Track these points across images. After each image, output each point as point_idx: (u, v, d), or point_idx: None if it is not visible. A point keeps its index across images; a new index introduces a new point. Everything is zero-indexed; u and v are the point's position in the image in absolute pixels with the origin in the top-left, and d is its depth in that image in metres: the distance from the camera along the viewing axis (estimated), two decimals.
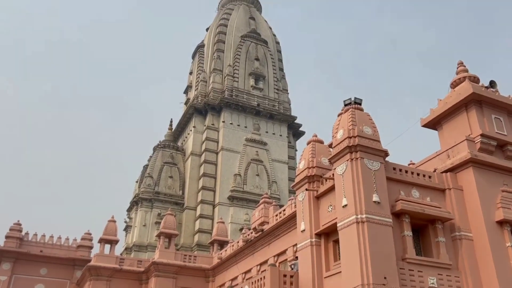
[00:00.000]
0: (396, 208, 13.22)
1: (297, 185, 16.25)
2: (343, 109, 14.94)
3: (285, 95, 48.01)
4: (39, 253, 32.87)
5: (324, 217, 14.67)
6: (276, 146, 44.12)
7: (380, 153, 13.71)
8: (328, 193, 14.76)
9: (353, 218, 12.60)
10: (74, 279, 33.60)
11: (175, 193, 41.18)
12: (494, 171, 14.87)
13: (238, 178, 40.14)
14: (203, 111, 44.32)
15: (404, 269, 12.51)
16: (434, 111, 17.12)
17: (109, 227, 31.97)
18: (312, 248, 14.48)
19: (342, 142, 13.84)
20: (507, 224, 13.90)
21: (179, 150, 44.32)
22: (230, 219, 38.23)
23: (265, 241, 22.05)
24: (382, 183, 13.27)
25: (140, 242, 38.26)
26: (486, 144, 15.01)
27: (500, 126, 15.85)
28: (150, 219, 39.30)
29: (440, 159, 15.74)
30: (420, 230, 13.99)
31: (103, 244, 31.29)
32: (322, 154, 16.20)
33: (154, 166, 42.22)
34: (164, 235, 30.84)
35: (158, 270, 29.00)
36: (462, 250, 13.59)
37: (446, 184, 14.64)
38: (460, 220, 14.01)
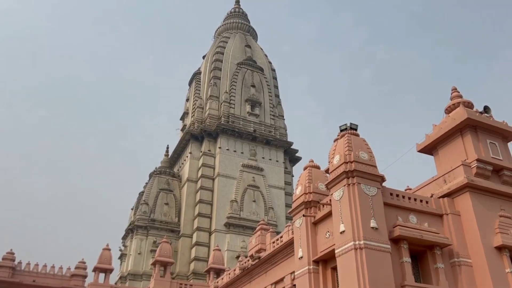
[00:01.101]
0: (394, 234, 13.12)
1: (294, 211, 16.15)
2: (339, 134, 15.01)
3: (281, 121, 48.28)
4: (32, 283, 32.21)
5: (322, 243, 14.52)
6: (273, 172, 44.05)
7: (376, 178, 13.70)
8: (325, 219, 14.66)
9: (351, 244, 12.48)
10: None
11: (171, 220, 40.79)
12: (491, 196, 14.86)
13: (235, 205, 39.88)
14: (199, 137, 44.39)
15: None
16: (430, 136, 17.23)
17: (104, 255, 31.50)
18: (310, 275, 14.27)
19: (339, 168, 13.84)
20: (506, 250, 13.80)
21: (175, 177, 44.14)
22: (227, 246, 37.78)
23: (262, 268, 21.72)
24: (379, 208, 13.21)
25: (135, 271, 37.63)
26: (482, 169, 15.06)
27: (495, 151, 15.94)
28: (146, 247, 38.77)
29: (437, 184, 15.73)
30: (419, 256, 13.85)
31: (98, 273, 30.76)
32: (318, 179, 16.17)
33: (150, 193, 41.94)
34: (159, 263, 30.38)
35: None
36: (462, 276, 13.43)
37: (444, 209, 14.59)
38: (459, 245, 13.90)
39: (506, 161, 15.87)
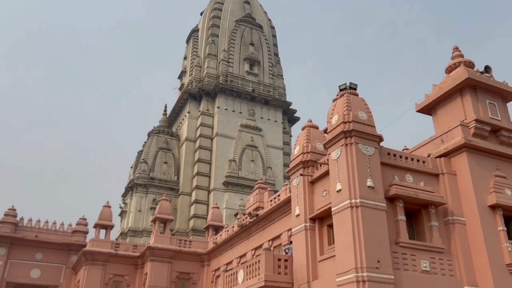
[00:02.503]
0: (390, 193, 13.30)
1: (292, 170, 16.29)
2: (338, 94, 14.92)
3: (280, 80, 47.87)
4: (34, 238, 32.92)
5: (319, 202, 14.75)
6: (271, 132, 44.12)
7: (374, 138, 13.74)
8: (322, 178, 14.82)
9: (347, 202, 12.67)
10: (69, 264, 33.77)
11: (170, 179, 41.22)
12: (487, 156, 14.96)
13: (233, 164, 40.18)
14: (197, 97, 44.14)
15: (397, 253, 12.64)
16: (429, 96, 17.15)
17: (104, 212, 32.04)
18: (307, 232, 14.58)
19: (337, 127, 13.84)
20: (499, 209, 14.03)
21: (173, 136, 44.24)
22: (225, 204, 38.39)
23: (259, 226, 22.18)
24: (376, 168, 13.33)
25: (135, 227, 38.41)
26: (480, 129, 15.08)
27: (494, 111, 15.91)
28: (145, 204, 39.39)
29: (434, 144, 15.80)
30: (414, 215, 14.11)
31: (98, 229, 31.38)
32: (317, 139, 16.22)
33: (148, 152, 42.17)
34: (159, 220, 30.95)
35: (154, 254, 29.18)
36: (455, 234, 13.73)
37: (440, 169, 14.73)
38: (453, 204, 14.13)
39: (504, 122, 15.88)
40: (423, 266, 12.84)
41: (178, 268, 29.63)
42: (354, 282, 11.60)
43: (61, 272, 33.58)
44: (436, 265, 13.08)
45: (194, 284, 29.70)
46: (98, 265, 29.60)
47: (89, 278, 29.04)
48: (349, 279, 11.78)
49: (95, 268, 29.44)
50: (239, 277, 16.02)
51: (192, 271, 29.88)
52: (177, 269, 29.59)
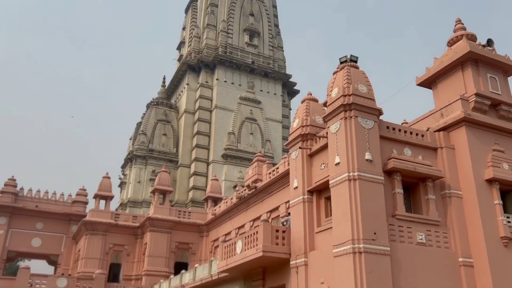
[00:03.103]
0: (388, 166, 13.36)
1: (291, 144, 16.30)
2: (339, 67, 14.78)
3: (280, 52, 47.33)
4: (34, 208, 33.24)
5: (317, 174, 14.82)
6: (270, 104, 43.95)
7: (374, 111, 13.69)
8: (321, 151, 14.84)
9: (345, 175, 12.74)
10: (70, 234, 34.21)
11: (169, 151, 41.31)
12: (486, 130, 14.96)
13: (232, 137, 40.20)
14: (196, 68, 43.74)
15: (393, 225, 12.80)
16: (430, 69, 17.00)
17: (104, 183, 32.25)
18: (304, 204, 14.71)
19: (337, 101, 13.77)
20: (496, 183, 14.13)
21: (172, 108, 44.08)
22: (224, 176, 38.61)
23: (258, 198, 22.37)
24: (375, 141, 13.34)
25: (135, 198, 38.74)
26: (480, 103, 15.02)
27: (495, 85, 15.81)
28: (145, 176, 39.60)
29: (434, 118, 15.77)
30: (411, 188, 14.21)
31: (98, 200, 31.66)
32: (316, 112, 16.16)
33: (147, 124, 42.10)
34: (158, 192, 31.19)
35: (153, 225, 29.54)
36: (451, 207, 13.87)
37: (439, 142, 14.74)
38: (451, 178, 14.22)
39: (504, 96, 15.80)
40: (419, 239, 13.03)
41: (178, 239, 30.07)
42: (351, 253, 11.78)
43: (62, 241, 34.07)
44: (431, 237, 13.27)
45: (193, 254, 30.21)
46: (98, 235, 30.00)
47: (90, 247, 29.50)
48: (346, 250, 11.96)
49: (95, 238, 29.85)
50: (238, 247, 16.25)
51: (191, 242, 30.35)
52: (176, 239, 30.03)
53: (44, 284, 26.04)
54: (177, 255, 30.25)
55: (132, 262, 30.64)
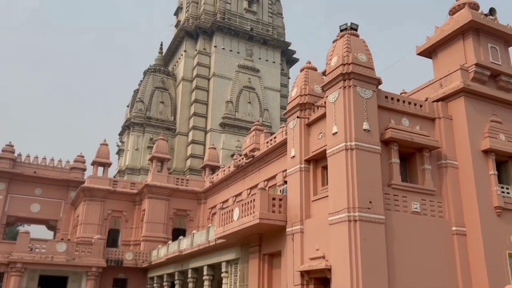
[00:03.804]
0: (386, 136, 13.39)
1: (289, 113, 16.25)
2: (339, 35, 14.56)
3: (279, 19, 46.55)
4: (32, 174, 33.42)
5: (314, 144, 14.86)
6: (269, 73, 43.57)
7: (373, 81, 13.60)
8: (319, 121, 14.83)
9: (343, 145, 12.77)
10: (68, 200, 34.53)
11: (166, 119, 41.22)
12: (484, 101, 14.92)
13: (230, 105, 40.04)
14: (194, 35, 43.08)
15: (389, 194, 12.95)
16: (431, 38, 16.79)
17: (102, 150, 32.32)
18: (301, 173, 14.81)
19: (336, 70, 13.65)
20: (492, 153, 14.20)
21: (170, 75, 43.68)
22: (222, 145, 38.70)
23: (255, 166, 22.51)
24: (373, 111, 13.31)
25: (132, 166, 38.92)
26: (480, 73, 14.92)
27: (495, 55, 15.66)
28: (142, 143, 39.65)
29: (433, 88, 15.69)
30: (408, 158, 14.30)
31: (96, 167, 31.82)
32: (315, 81, 16.04)
33: (145, 91, 41.81)
34: (156, 159, 31.33)
35: (151, 192, 29.82)
36: (447, 177, 14.00)
37: (437, 113, 14.73)
38: (447, 148, 14.29)
39: (504, 66, 15.68)
40: (413, 208, 13.21)
41: (175, 205, 30.45)
42: (346, 221, 11.96)
43: (61, 207, 34.45)
44: (426, 206, 13.45)
45: (191, 221, 30.65)
46: (97, 201, 30.31)
47: (88, 213, 29.86)
48: (341, 218, 12.13)
49: (93, 204, 30.17)
50: (235, 214, 16.47)
51: (189, 208, 30.75)
52: (174, 206, 30.41)
53: (44, 248, 26.49)
54: (175, 222, 30.71)
55: (131, 228, 31.11)
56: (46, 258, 25.96)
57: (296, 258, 14.00)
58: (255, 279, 16.52)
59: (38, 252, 26.19)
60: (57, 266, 26.28)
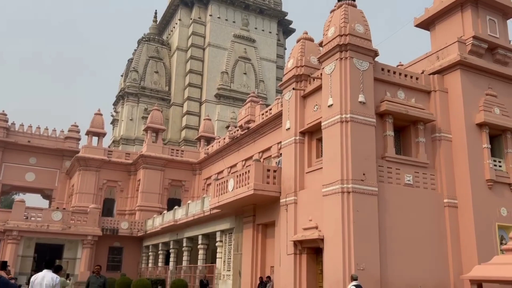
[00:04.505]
0: (381, 109, 13.38)
1: (285, 84, 16.15)
2: (336, 5, 14.32)
3: None
4: (27, 143, 33.33)
5: (309, 116, 14.84)
6: (265, 43, 43.06)
7: (370, 52, 13.48)
8: (314, 93, 14.76)
9: (338, 117, 12.76)
10: (63, 169, 34.60)
11: (161, 89, 40.89)
12: (481, 74, 14.87)
13: (225, 76, 39.71)
14: (189, 3, 42.26)
15: (382, 167, 13.05)
16: (429, 10, 16.57)
17: (96, 120, 32.19)
18: (296, 145, 14.86)
19: (333, 41, 13.50)
20: (486, 127, 14.26)
21: (164, 45, 43.06)
22: (217, 116, 38.60)
23: (250, 138, 22.54)
24: (369, 83, 13.25)
25: (127, 136, 38.84)
26: (477, 46, 14.81)
27: (493, 28, 15.51)
28: (137, 113, 39.45)
29: (429, 60, 15.59)
30: (402, 130, 14.34)
31: (91, 137, 31.75)
32: (311, 52, 15.88)
33: (139, 61, 41.28)
34: (151, 130, 31.29)
35: (146, 162, 29.91)
36: (440, 150, 14.10)
37: (433, 86, 14.69)
38: (442, 121, 14.32)
39: (502, 39, 15.56)
40: (406, 180, 13.34)
41: (170, 176, 30.62)
42: (339, 192, 12.08)
43: (55, 176, 34.54)
44: (419, 179, 13.59)
45: (186, 191, 30.90)
46: (92, 171, 30.40)
47: (83, 183, 29.99)
48: (335, 189, 12.26)
49: (88, 173, 30.26)
50: (229, 185, 16.60)
51: (184, 179, 30.94)
52: (169, 176, 30.58)
53: (40, 217, 26.72)
54: (170, 192, 30.95)
55: (126, 198, 31.35)
56: (41, 227, 26.20)
57: (289, 228, 14.22)
58: (249, 248, 16.81)
59: (33, 220, 26.42)
60: (53, 234, 26.56)
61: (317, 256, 13.51)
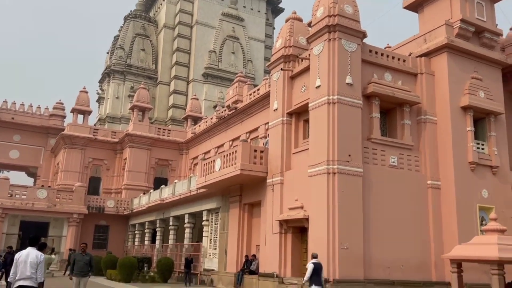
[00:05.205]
0: (368, 91, 13.44)
1: (273, 65, 16.09)
2: None
3: None
4: (10, 120, 32.81)
5: (297, 97, 14.85)
6: (254, 22, 42.60)
7: (358, 34, 13.46)
8: (302, 74, 14.75)
9: (325, 99, 12.80)
10: (48, 147, 34.23)
11: (148, 67, 40.36)
12: (467, 58, 14.98)
13: (213, 55, 39.33)
14: None
15: (368, 148, 13.19)
16: None
17: (81, 97, 31.76)
18: (283, 126, 14.90)
19: (322, 21, 13.43)
20: (471, 110, 14.45)
21: (151, 22, 42.32)
22: (204, 96, 38.35)
23: (238, 118, 22.50)
24: (357, 65, 13.27)
25: (113, 114, 38.45)
26: (464, 29, 14.87)
27: (481, 11, 15.56)
28: (123, 91, 38.97)
29: (417, 43, 15.64)
30: (388, 112, 14.46)
31: (76, 114, 31.38)
32: (300, 33, 15.79)
33: (125, 38, 40.57)
34: (137, 108, 31.00)
35: (133, 141, 29.73)
36: (425, 132, 14.27)
37: (419, 68, 14.77)
38: (428, 104, 14.46)
39: (489, 23, 15.64)
40: (391, 161, 13.52)
41: (157, 155, 30.52)
42: (325, 173, 12.21)
43: (40, 154, 34.18)
44: (403, 160, 13.78)
45: (173, 171, 30.86)
46: (77, 149, 30.14)
47: (69, 161, 29.75)
48: (320, 170, 12.38)
49: (74, 151, 30.01)
50: (216, 165, 16.64)
51: (171, 158, 30.87)
52: (156, 155, 30.48)
53: (25, 194, 26.51)
54: (157, 171, 30.89)
55: (112, 177, 31.22)
56: (26, 204, 26.03)
57: (275, 208, 14.37)
58: (235, 227, 16.97)
59: (18, 198, 26.21)
60: (38, 212, 26.43)
61: (302, 235, 13.72)
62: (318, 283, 9.98)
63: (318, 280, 9.97)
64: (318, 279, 9.97)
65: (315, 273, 9.95)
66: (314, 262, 10.20)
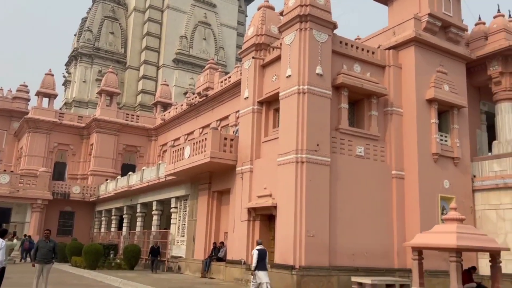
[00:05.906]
0: (337, 82, 13.62)
1: (244, 52, 16.05)
2: None
3: None
4: None
5: (268, 86, 14.90)
6: (226, 9, 42.21)
7: (329, 25, 13.58)
8: (274, 63, 14.79)
9: (295, 88, 12.91)
10: (11, 130, 33.19)
11: (116, 51, 39.46)
12: (433, 51, 15.37)
13: (184, 41, 38.81)
14: None
15: (336, 138, 13.41)
16: None
17: (47, 80, 30.84)
18: (254, 114, 14.95)
19: (293, 10, 13.47)
20: (436, 103, 14.87)
21: (121, 4, 41.28)
22: (175, 82, 37.89)
23: (208, 106, 22.39)
24: (327, 56, 13.41)
25: (80, 98, 37.51)
26: (432, 24, 15.23)
27: (448, 6, 15.94)
28: (91, 75, 38.01)
29: (386, 36, 15.91)
30: (356, 103, 14.71)
31: (41, 98, 30.47)
32: (272, 21, 15.79)
33: (93, 20, 39.46)
34: (105, 93, 30.36)
35: (100, 126, 29.16)
36: (391, 124, 14.62)
37: (388, 61, 15.06)
38: (394, 96, 14.79)
39: (455, 18, 16.05)
40: (358, 151, 13.81)
41: (125, 141, 30.06)
42: (294, 162, 12.37)
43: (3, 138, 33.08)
44: (370, 151, 14.10)
45: (141, 157, 30.49)
46: (42, 133, 29.34)
47: (33, 145, 28.92)
48: (289, 159, 12.53)
49: (38, 136, 29.19)
50: (186, 152, 16.55)
51: (139, 145, 30.47)
52: (123, 141, 30.01)
53: None
54: (125, 157, 30.44)
55: (78, 162, 30.58)
56: None
57: (244, 196, 14.47)
58: (203, 214, 17.00)
59: None
60: (0, 197, 25.65)
61: (270, 223, 13.89)
62: (263, 268, 10.63)
63: (263, 265, 10.63)
64: (263, 264, 10.62)
65: (260, 258, 10.54)
66: (259, 248, 10.74)
